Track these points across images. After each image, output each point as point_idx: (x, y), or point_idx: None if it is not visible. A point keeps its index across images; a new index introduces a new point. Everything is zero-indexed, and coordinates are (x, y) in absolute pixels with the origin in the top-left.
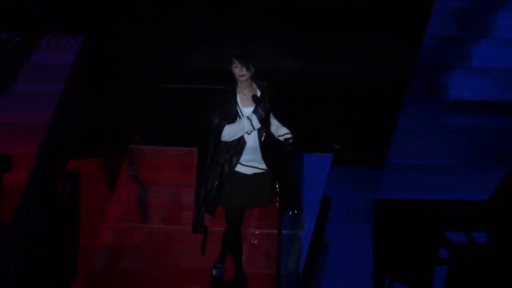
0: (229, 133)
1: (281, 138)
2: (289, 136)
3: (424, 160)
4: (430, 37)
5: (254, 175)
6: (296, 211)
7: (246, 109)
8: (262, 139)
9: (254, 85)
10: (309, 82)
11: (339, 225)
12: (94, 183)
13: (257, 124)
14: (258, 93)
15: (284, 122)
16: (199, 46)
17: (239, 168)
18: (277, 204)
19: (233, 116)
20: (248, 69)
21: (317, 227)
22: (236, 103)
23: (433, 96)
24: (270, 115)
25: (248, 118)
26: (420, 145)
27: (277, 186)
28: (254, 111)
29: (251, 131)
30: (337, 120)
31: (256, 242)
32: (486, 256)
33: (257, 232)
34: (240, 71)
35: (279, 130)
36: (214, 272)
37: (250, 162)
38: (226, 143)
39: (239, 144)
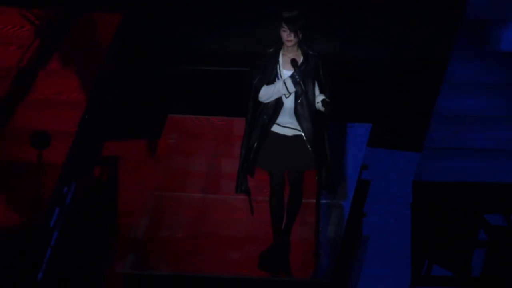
0: (265, 94)
1: (319, 103)
2: (326, 99)
3: (463, 143)
4: (468, 20)
5: (295, 137)
6: (330, 187)
7: (286, 71)
8: (299, 103)
9: (300, 51)
10: (345, 66)
11: (377, 208)
12: (131, 165)
13: (291, 88)
14: (301, 60)
15: (327, 93)
16: (233, 29)
17: (278, 129)
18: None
19: (272, 77)
20: (296, 34)
21: (356, 198)
22: (277, 64)
23: (471, 80)
24: (313, 84)
25: (283, 81)
26: (459, 128)
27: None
28: (291, 75)
29: (289, 94)
30: (376, 103)
31: None
32: None
33: None
34: (288, 36)
35: (318, 97)
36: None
37: (289, 124)
38: (265, 103)
39: (277, 105)
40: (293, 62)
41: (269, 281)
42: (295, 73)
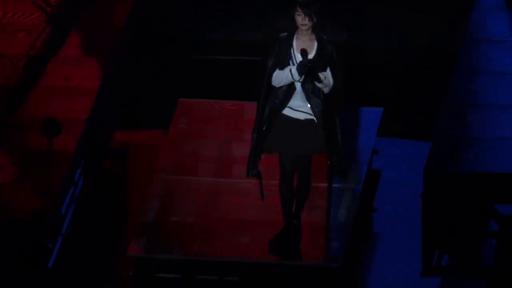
0: (276, 79)
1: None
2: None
3: (474, 133)
4: (480, 9)
5: (307, 121)
6: (340, 172)
7: (300, 55)
8: (309, 87)
9: (314, 35)
10: (356, 55)
11: (387, 198)
12: (141, 155)
13: (297, 76)
14: (315, 45)
15: (338, 79)
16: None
17: (290, 113)
18: (328, 163)
19: (286, 60)
20: (310, 18)
21: (367, 183)
22: (291, 47)
23: (483, 69)
24: (325, 68)
25: (290, 69)
26: (470, 118)
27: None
28: (298, 64)
29: (299, 80)
30: (386, 93)
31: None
32: None
33: None
34: (303, 20)
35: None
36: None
37: (301, 108)
38: (278, 87)
39: (289, 89)
40: (303, 51)
41: (279, 265)
42: (302, 62)
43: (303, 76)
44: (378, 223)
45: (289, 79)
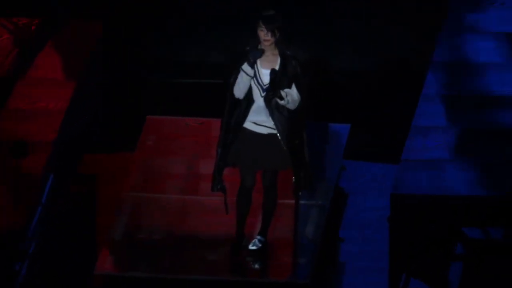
0: (235, 87)
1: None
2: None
3: (441, 155)
4: (447, 32)
5: (270, 135)
6: (307, 188)
7: (264, 70)
8: (272, 105)
9: (277, 51)
10: (322, 76)
11: (355, 220)
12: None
13: (248, 70)
14: (278, 60)
15: (302, 93)
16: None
17: (253, 127)
18: (293, 179)
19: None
20: (273, 34)
21: (334, 200)
22: (255, 63)
23: (449, 92)
24: (290, 84)
25: (241, 67)
26: (437, 140)
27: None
28: (248, 60)
29: (253, 76)
30: (352, 115)
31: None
32: (502, 252)
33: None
34: (265, 35)
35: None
36: (250, 245)
37: (265, 123)
38: (241, 102)
39: (251, 103)
40: (272, 72)
41: (247, 283)
42: (249, 56)
43: (254, 70)
44: (346, 246)
45: (244, 78)
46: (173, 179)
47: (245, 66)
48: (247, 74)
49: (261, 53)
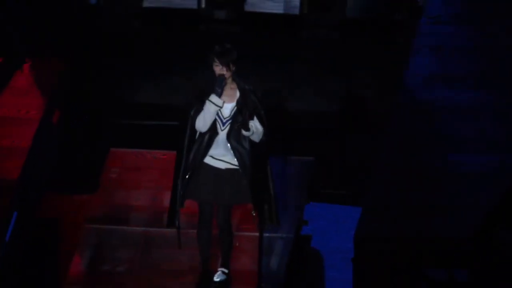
0: (199, 119)
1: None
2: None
3: (404, 199)
4: (411, 75)
5: (228, 170)
6: (275, 224)
7: (225, 104)
8: (232, 136)
9: (235, 84)
10: (286, 118)
11: (319, 262)
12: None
13: (217, 100)
14: (237, 93)
15: (264, 126)
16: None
17: (211, 162)
18: (253, 213)
19: None
20: (228, 68)
21: (299, 233)
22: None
23: (414, 133)
24: (252, 116)
25: (208, 98)
26: (400, 182)
27: (254, 195)
28: (215, 90)
29: (219, 108)
30: (316, 156)
31: (237, 244)
32: None
33: (238, 234)
34: (220, 70)
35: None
36: (215, 277)
37: (223, 157)
38: (200, 136)
39: (211, 137)
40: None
41: None
42: (215, 84)
43: (223, 102)
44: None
45: (211, 110)
46: (137, 211)
47: (213, 97)
48: (216, 105)
49: (223, 79)
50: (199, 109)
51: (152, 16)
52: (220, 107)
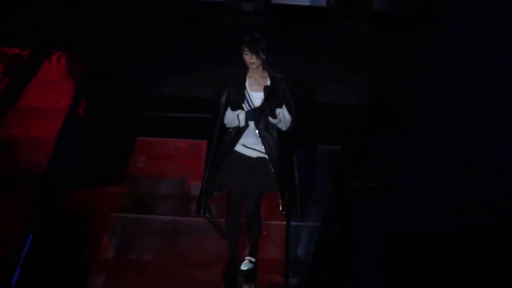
0: (227, 118)
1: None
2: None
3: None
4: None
5: (259, 159)
6: (298, 214)
7: (254, 93)
8: (261, 124)
9: (266, 73)
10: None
11: (346, 252)
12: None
13: (243, 123)
14: (268, 82)
15: (292, 115)
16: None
17: (243, 150)
18: (279, 201)
19: (240, 100)
20: (258, 56)
21: (325, 223)
22: (244, 87)
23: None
24: (280, 105)
25: (237, 114)
26: (428, 176)
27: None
28: (246, 113)
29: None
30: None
31: (264, 232)
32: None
33: (265, 223)
34: (250, 58)
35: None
36: (242, 266)
37: (254, 145)
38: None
39: (241, 127)
40: (265, 89)
41: None
42: (249, 112)
43: (248, 122)
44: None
45: (235, 123)
46: (164, 199)
47: (242, 118)
48: (239, 124)
49: (259, 113)
50: (229, 100)
51: (179, 9)
52: (242, 126)
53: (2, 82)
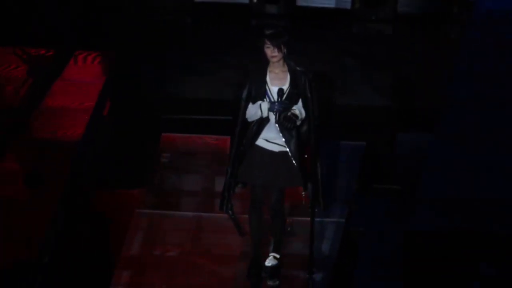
0: (248, 112)
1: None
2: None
3: (456, 193)
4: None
5: (282, 153)
6: (322, 208)
7: (274, 88)
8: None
9: (286, 66)
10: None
11: (369, 258)
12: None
13: (265, 113)
14: (288, 76)
15: (312, 110)
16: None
17: (265, 145)
18: (303, 193)
19: (261, 93)
20: (280, 50)
21: (350, 218)
22: (265, 81)
23: (465, 128)
24: (297, 100)
25: (260, 104)
26: (452, 177)
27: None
28: (270, 104)
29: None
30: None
31: (289, 228)
32: None
33: (290, 220)
34: (272, 52)
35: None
36: (267, 262)
37: (276, 140)
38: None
39: (262, 121)
40: (279, 91)
41: None
42: (275, 104)
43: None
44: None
45: (258, 115)
46: (188, 196)
47: (264, 108)
48: (262, 114)
49: (282, 105)
50: (250, 94)
51: (205, 11)
52: (264, 116)
53: (27, 83)
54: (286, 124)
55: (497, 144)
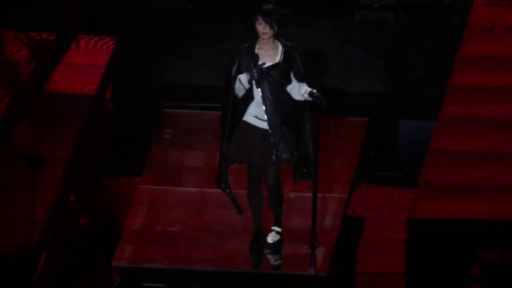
0: (235, 88)
1: (305, 95)
2: (310, 89)
3: (458, 180)
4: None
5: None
6: (312, 181)
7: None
8: (267, 95)
9: (277, 42)
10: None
11: (371, 244)
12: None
13: (245, 83)
14: (279, 52)
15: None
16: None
17: (256, 123)
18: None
19: (250, 69)
20: (271, 27)
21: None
22: (255, 58)
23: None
24: (285, 76)
25: (239, 77)
26: (453, 165)
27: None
28: (247, 71)
29: (248, 87)
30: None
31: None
32: None
33: (292, 195)
34: (264, 28)
35: (301, 88)
36: (268, 237)
37: (265, 116)
38: (243, 96)
39: (248, 98)
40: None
41: (266, 275)
42: (252, 71)
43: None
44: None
45: (240, 87)
46: (190, 171)
47: (243, 78)
48: (243, 86)
49: (263, 70)
50: (239, 71)
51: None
52: (245, 88)
53: (29, 67)
54: (322, 102)
55: (500, 131)
